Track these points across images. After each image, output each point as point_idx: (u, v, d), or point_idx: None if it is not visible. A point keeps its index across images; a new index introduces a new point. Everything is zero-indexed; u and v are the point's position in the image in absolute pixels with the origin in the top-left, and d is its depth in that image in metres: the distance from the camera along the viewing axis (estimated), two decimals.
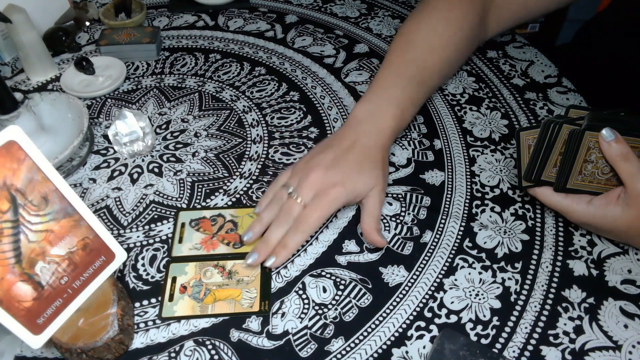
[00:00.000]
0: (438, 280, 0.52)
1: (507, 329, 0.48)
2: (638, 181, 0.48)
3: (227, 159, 0.65)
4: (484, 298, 0.51)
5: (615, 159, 0.48)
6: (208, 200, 0.60)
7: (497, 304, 0.50)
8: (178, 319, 0.49)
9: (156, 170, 0.63)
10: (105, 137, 0.68)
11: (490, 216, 0.58)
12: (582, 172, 0.50)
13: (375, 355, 0.47)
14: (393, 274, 0.53)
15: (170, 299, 0.50)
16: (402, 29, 0.68)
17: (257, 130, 0.69)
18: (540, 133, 0.50)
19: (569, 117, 0.51)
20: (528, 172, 0.52)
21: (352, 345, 0.47)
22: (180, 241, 0.55)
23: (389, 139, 0.59)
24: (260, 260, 0.52)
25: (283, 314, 0.49)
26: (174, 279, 0.52)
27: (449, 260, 0.54)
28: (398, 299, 0.51)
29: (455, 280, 0.52)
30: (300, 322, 0.49)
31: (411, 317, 0.49)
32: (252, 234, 0.54)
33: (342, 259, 0.54)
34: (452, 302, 0.50)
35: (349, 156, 0.55)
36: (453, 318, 0.49)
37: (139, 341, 0.48)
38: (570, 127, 0.49)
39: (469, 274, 0.53)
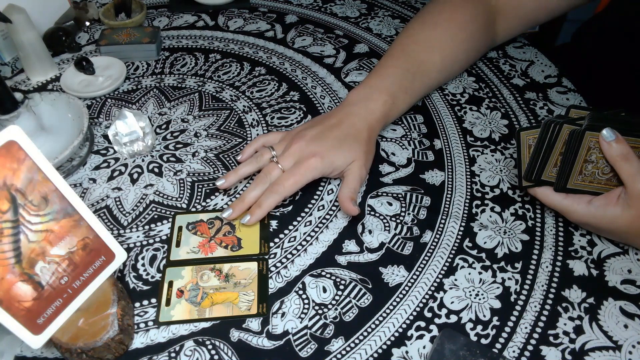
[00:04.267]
0: (438, 280, 0.52)
1: (507, 329, 0.48)
2: (638, 182, 0.48)
3: (227, 159, 0.65)
4: (484, 298, 0.51)
5: (615, 159, 0.48)
6: (208, 200, 0.60)
7: (497, 304, 0.50)
8: (175, 323, 0.49)
9: (156, 170, 0.63)
10: (105, 137, 0.68)
11: (490, 216, 0.58)
12: (582, 172, 0.50)
13: (375, 355, 0.47)
14: (393, 274, 0.53)
15: (167, 303, 0.50)
16: (406, 27, 0.70)
17: (257, 130, 0.69)
18: (541, 133, 0.50)
19: (570, 117, 0.51)
20: (528, 172, 0.52)
21: (352, 345, 0.47)
22: (177, 245, 0.55)
23: (377, 122, 0.61)
24: (234, 216, 0.56)
25: (283, 314, 0.49)
26: (170, 283, 0.51)
27: (449, 260, 0.54)
28: (398, 299, 0.51)
29: (455, 280, 0.52)
30: (300, 322, 0.49)
31: (411, 317, 0.49)
32: (226, 182, 0.58)
33: (342, 259, 0.54)
34: (452, 302, 0.50)
35: (332, 132, 0.59)
36: (453, 318, 0.49)
37: (139, 341, 0.48)
38: (570, 127, 0.49)
39: (469, 274, 0.53)
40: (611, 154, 0.48)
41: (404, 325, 0.49)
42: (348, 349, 0.47)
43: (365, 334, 0.48)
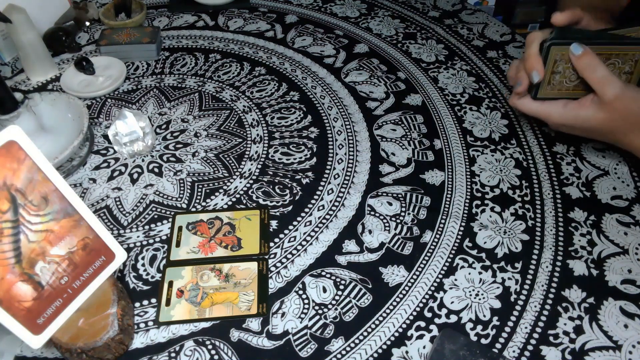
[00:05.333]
0: (438, 280, 0.52)
1: (507, 329, 0.48)
2: (606, 88, 0.52)
3: (227, 159, 0.65)
4: (484, 298, 0.51)
5: (584, 69, 0.53)
6: (208, 200, 0.60)
7: (497, 304, 0.50)
8: (175, 323, 0.49)
9: (156, 170, 0.63)
10: (105, 137, 0.68)
11: (490, 216, 0.58)
12: (550, 82, 0.56)
13: (375, 355, 0.47)
14: (393, 274, 0.53)
15: (167, 303, 0.50)
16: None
17: (257, 130, 0.69)
18: None
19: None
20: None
21: (352, 345, 0.47)
22: (177, 245, 0.55)
23: None
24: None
25: (283, 314, 0.49)
26: (170, 283, 0.51)
27: (449, 260, 0.54)
28: (398, 299, 0.51)
29: (455, 280, 0.52)
30: (300, 322, 0.49)
31: (411, 317, 0.49)
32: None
33: (342, 259, 0.54)
34: (452, 302, 0.50)
35: None
36: (453, 318, 0.49)
37: (139, 341, 0.48)
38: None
39: (469, 274, 0.53)
40: (580, 65, 0.53)
41: (404, 325, 0.49)
42: (348, 349, 0.47)
43: (365, 334, 0.48)
